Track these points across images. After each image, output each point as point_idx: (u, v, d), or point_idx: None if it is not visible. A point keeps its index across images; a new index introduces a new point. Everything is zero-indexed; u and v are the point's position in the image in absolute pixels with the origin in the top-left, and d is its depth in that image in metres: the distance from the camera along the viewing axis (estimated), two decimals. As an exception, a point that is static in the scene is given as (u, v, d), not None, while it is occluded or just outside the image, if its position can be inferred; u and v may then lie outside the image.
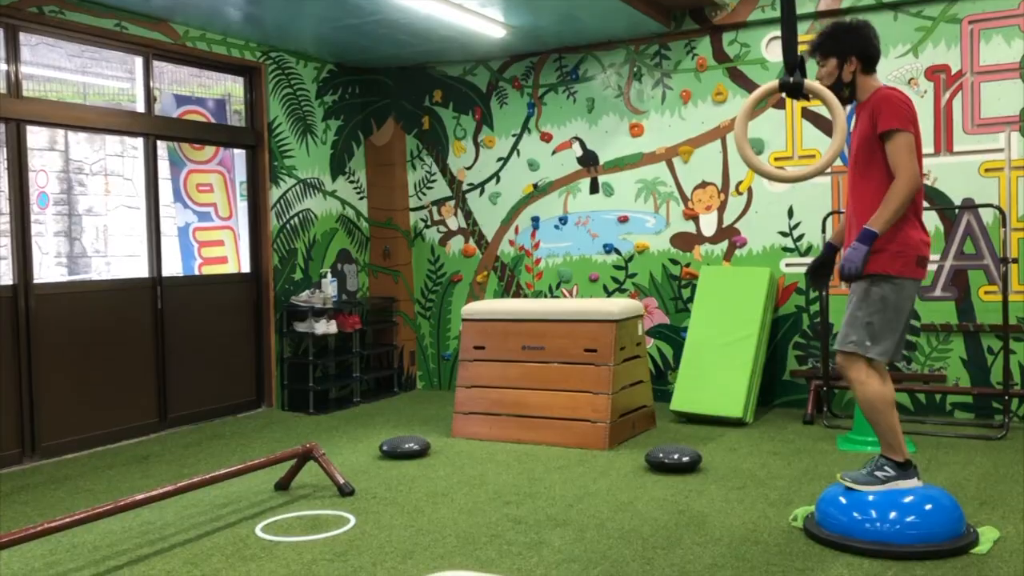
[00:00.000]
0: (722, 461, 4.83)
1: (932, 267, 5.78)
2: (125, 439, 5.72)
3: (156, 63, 6.02)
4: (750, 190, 6.34)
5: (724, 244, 6.45)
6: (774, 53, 6.20)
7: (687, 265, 6.57)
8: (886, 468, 3.48)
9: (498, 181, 7.30)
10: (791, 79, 3.43)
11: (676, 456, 4.60)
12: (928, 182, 5.79)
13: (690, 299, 6.51)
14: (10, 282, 5.18)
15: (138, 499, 3.65)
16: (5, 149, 5.22)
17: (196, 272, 6.60)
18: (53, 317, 5.33)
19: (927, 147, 5.75)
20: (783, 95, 3.63)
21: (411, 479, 4.64)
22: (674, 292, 6.63)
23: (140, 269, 6.26)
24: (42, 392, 5.26)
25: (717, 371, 5.85)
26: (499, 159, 7.29)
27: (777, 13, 6.06)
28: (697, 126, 6.50)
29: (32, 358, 5.21)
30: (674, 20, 6.43)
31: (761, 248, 6.32)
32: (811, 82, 3.47)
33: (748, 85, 6.30)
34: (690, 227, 6.56)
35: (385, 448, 5.15)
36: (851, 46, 3.54)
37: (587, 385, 5.32)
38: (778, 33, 6.18)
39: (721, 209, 6.44)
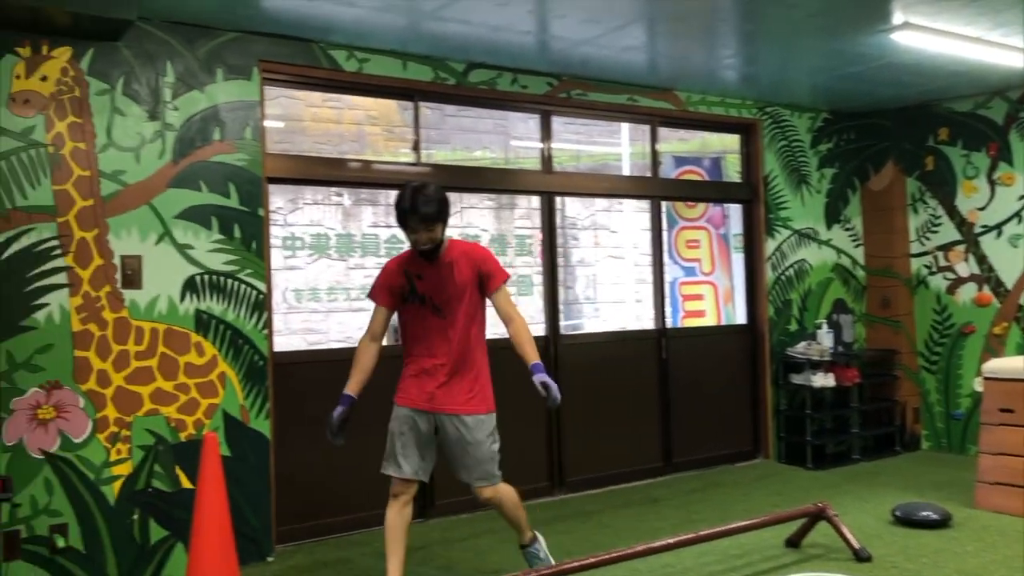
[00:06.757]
0: None
1: None
2: (634, 480, 6.15)
3: (661, 129, 6.49)
4: None
5: None
6: None
7: None
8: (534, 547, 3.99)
9: (1020, 222, 6.54)
10: None
11: None
12: None
13: None
14: (543, 333, 5.90)
15: (666, 543, 3.91)
16: (539, 217, 6.00)
17: (680, 324, 6.91)
18: (573, 363, 5.95)
19: None
20: None
21: (934, 552, 4.31)
22: None
23: (626, 317, 6.72)
24: (567, 432, 5.88)
25: None
26: (1020, 197, 6.53)
27: None
28: None
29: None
30: None
31: None
32: None
33: None
34: None
35: (898, 513, 4.86)
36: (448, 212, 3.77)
37: None
38: None
39: None
